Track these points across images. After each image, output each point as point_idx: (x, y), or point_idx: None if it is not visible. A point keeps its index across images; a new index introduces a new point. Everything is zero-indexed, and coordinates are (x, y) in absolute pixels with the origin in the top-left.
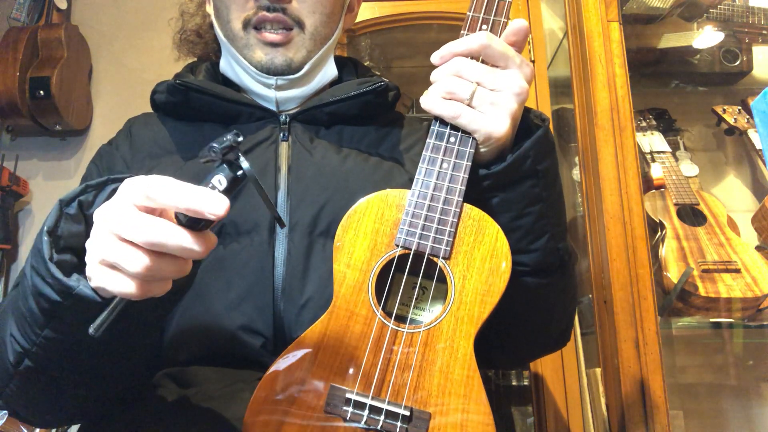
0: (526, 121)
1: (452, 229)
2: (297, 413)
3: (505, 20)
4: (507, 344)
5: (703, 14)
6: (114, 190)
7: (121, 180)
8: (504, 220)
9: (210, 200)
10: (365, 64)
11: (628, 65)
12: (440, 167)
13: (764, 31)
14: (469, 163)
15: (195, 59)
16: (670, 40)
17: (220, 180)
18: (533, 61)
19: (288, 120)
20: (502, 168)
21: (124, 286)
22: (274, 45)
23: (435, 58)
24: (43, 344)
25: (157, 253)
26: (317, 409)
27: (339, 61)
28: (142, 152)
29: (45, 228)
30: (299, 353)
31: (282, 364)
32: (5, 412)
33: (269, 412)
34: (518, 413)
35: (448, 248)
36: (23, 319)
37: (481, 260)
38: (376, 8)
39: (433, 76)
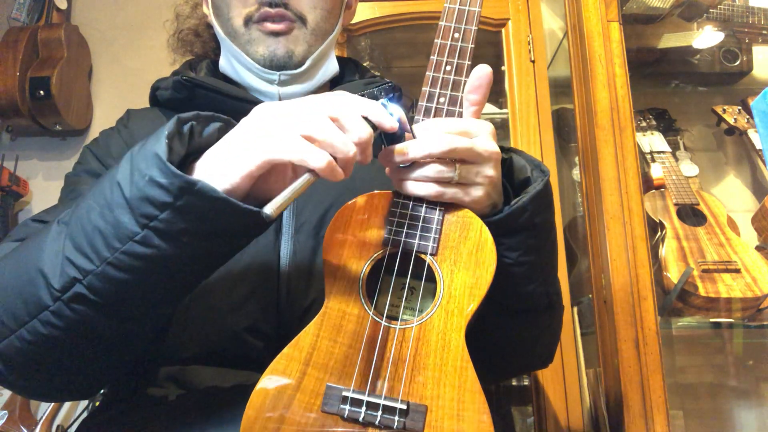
0: (525, 172)
1: (438, 227)
2: (295, 414)
3: (469, 63)
4: (491, 364)
5: (703, 14)
6: (221, 129)
7: (222, 120)
8: (498, 265)
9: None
10: (365, 64)
11: (628, 65)
12: None
13: (764, 31)
14: None
15: (192, 58)
16: (670, 40)
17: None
18: (533, 62)
19: None
20: (499, 219)
21: (323, 159)
22: (275, 35)
23: (399, 159)
24: (116, 261)
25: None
26: (315, 410)
27: (340, 61)
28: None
29: (166, 132)
30: (294, 355)
31: (278, 366)
32: (5, 412)
33: (267, 415)
34: (518, 413)
35: (435, 245)
36: (95, 236)
37: (468, 254)
38: (376, 8)
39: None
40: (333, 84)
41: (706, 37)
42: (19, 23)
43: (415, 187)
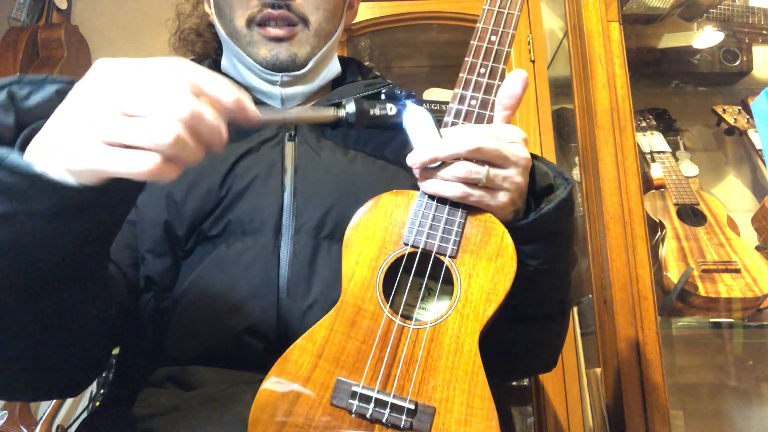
0: (547, 179)
1: (459, 229)
2: (304, 405)
3: (504, 66)
4: (496, 367)
5: (703, 14)
6: (58, 92)
7: (62, 82)
8: (517, 271)
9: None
10: (365, 64)
11: (628, 65)
12: None
13: (764, 31)
14: None
15: (193, 57)
16: (670, 40)
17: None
18: (533, 62)
19: None
20: (524, 225)
21: (142, 164)
22: (277, 40)
23: (426, 158)
24: None
25: (189, 127)
26: (323, 402)
27: (342, 61)
28: None
29: None
30: (307, 346)
31: (290, 356)
32: (5, 412)
33: (276, 404)
34: (518, 413)
35: (455, 247)
36: None
37: (487, 260)
38: (376, 8)
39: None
40: (334, 84)
41: (706, 37)
42: (19, 23)
43: (442, 187)
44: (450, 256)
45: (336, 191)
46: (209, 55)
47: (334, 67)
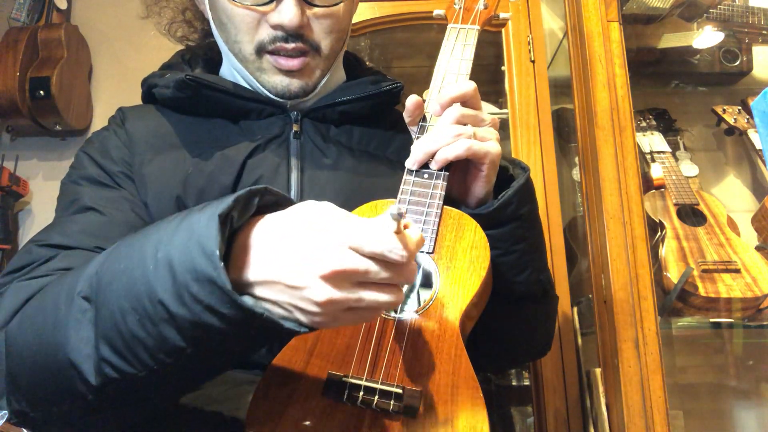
0: (507, 171)
1: (435, 227)
2: (298, 400)
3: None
4: (493, 354)
5: (703, 14)
6: (261, 206)
7: (257, 191)
8: (492, 256)
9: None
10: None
11: (628, 65)
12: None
13: (764, 31)
14: (445, 183)
15: (183, 49)
16: (670, 40)
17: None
18: (533, 62)
19: (300, 117)
20: (489, 211)
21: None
22: (290, 72)
23: (436, 106)
24: (161, 370)
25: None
26: (317, 395)
27: (344, 58)
28: (141, 144)
29: (216, 251)
30: (299, 346)
31: (283, 356)
32: (5, 412)
33: (272, 401)
34: (518, 413)
35: (432, 244)
36: (136, 345)
37: (462, 252)
38: (376, 8)
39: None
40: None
41: (706, 37)
42: (19, 23)
43: (448, 150)
44: (428, 253)
45: (344, 191)
46: (198, 50)
47: (339, 77)
